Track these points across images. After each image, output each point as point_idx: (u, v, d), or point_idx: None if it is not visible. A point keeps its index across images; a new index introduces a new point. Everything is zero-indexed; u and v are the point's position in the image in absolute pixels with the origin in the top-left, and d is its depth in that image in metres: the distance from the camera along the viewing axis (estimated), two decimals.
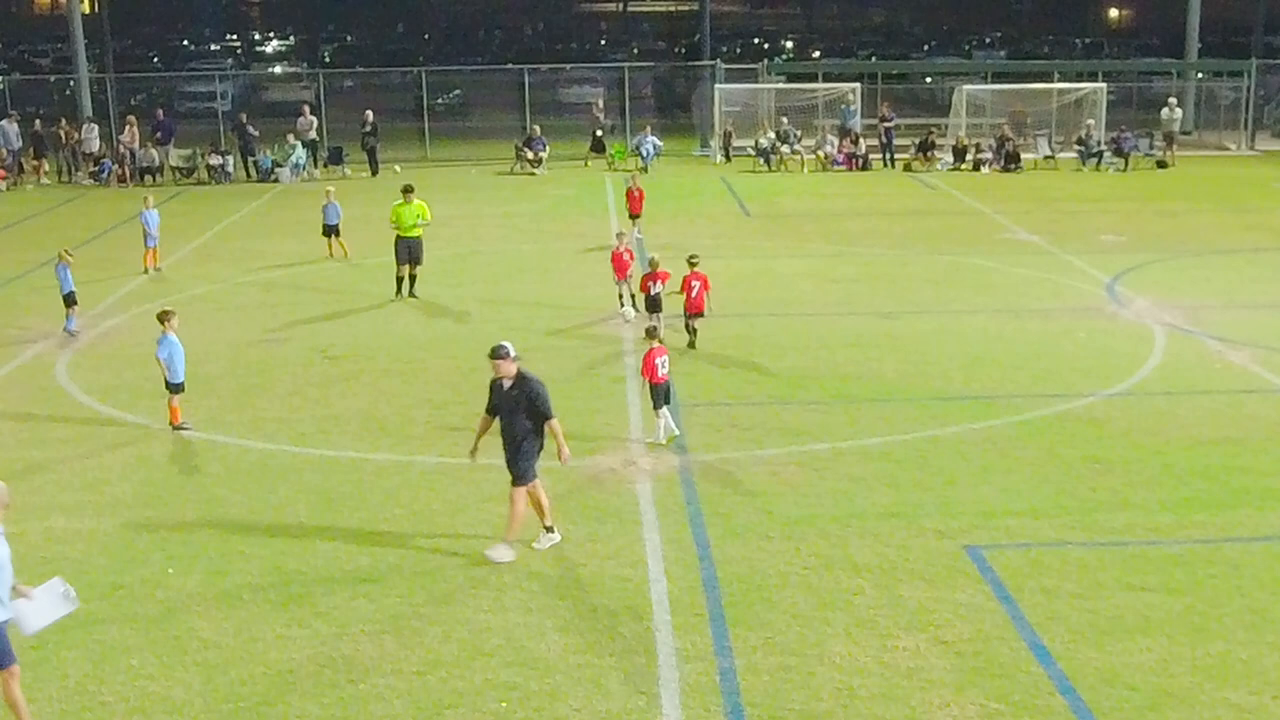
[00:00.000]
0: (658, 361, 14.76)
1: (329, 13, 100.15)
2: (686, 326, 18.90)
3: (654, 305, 19.01)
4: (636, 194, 26.00)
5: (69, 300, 20.04)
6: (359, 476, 14.16)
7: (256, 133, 39.08)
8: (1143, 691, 9.58)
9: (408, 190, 23.19)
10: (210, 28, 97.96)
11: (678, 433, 15.02)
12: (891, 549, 12.06)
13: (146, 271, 24.67)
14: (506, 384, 11.96)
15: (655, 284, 18.90)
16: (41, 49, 74.08)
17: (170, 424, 15.65)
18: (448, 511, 13.10)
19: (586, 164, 39.79)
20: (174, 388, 15.63)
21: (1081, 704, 9.42)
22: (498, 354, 11.97)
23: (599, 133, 40.92)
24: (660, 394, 14.88)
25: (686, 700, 9.54)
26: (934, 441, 14.93)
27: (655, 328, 15.79)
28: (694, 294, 18.50)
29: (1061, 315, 20.74)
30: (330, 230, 26.02)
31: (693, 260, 18.73)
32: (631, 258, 20.54)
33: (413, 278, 22.54)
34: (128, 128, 38.59)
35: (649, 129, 40.39)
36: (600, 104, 42.83)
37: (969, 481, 13.72)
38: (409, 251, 22.49)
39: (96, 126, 39.88)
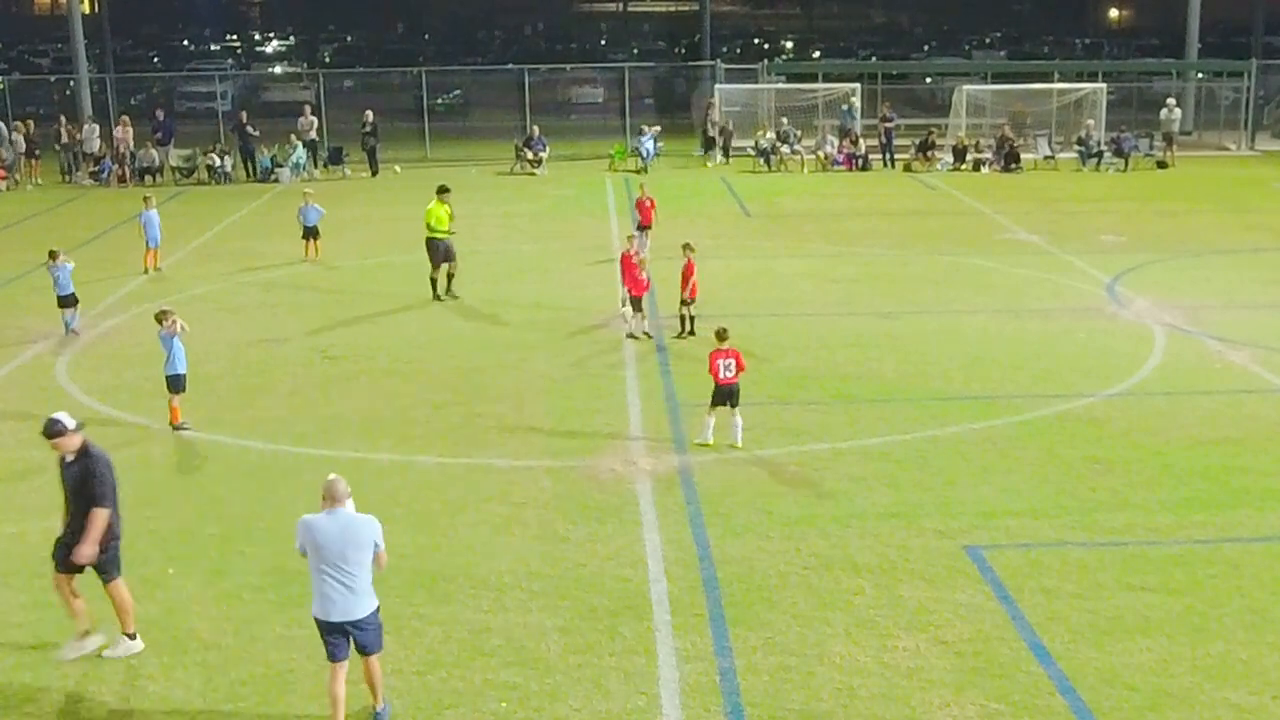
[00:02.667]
0: (720, 363, 14.55)
1: (329, 13, 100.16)
2: (683, 318, 19.01)
3: (635, 304, 19.40)
4: (648, 204, 25.57)
5: (69, 301, 20.02)
6: (359, 476, 14.08)
7: (257, 133, 39.08)
8: (1143, 691, 9.58)
9: (443, 190, 22.79)
10: (210, 28, 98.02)
11: (739, 443, 14.67)
12: (891, 549, 12.06)
13: (147, 271, 24.67)
14: (69, 459, 10.14)
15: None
16: (41, 49, 74.19)
17: (170, 424, 15.65)
18: (448, 511, 13.10)
19: (706, 164, 39.51)
20: (174, 386, 15.60)
21: (1081, 704, 9.42)
22: (50, 433, 10.07)
23: (709, 131, 40.53)
24: (723, 395, 14.64)
25: (686, 700, 9.54)
26: (934, 441, 14.93)
27: (724, 329, 15.07)
28: (693, 277, 18.98)
29: (1061, 315, 20.74)
30: (309, 232, 25.85)
31: (688, 247, 19.25)
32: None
33: (450, 276, 22.26)
34: (121, 125, 38.62)
35: (647, 129, 40.39)
36: (716, 103, 41.71)
37: (969, 481, 13.72)
38: (446, 252, 22.22)
39: (97, 126, 39.89)
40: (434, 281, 22.32)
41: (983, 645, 10.27)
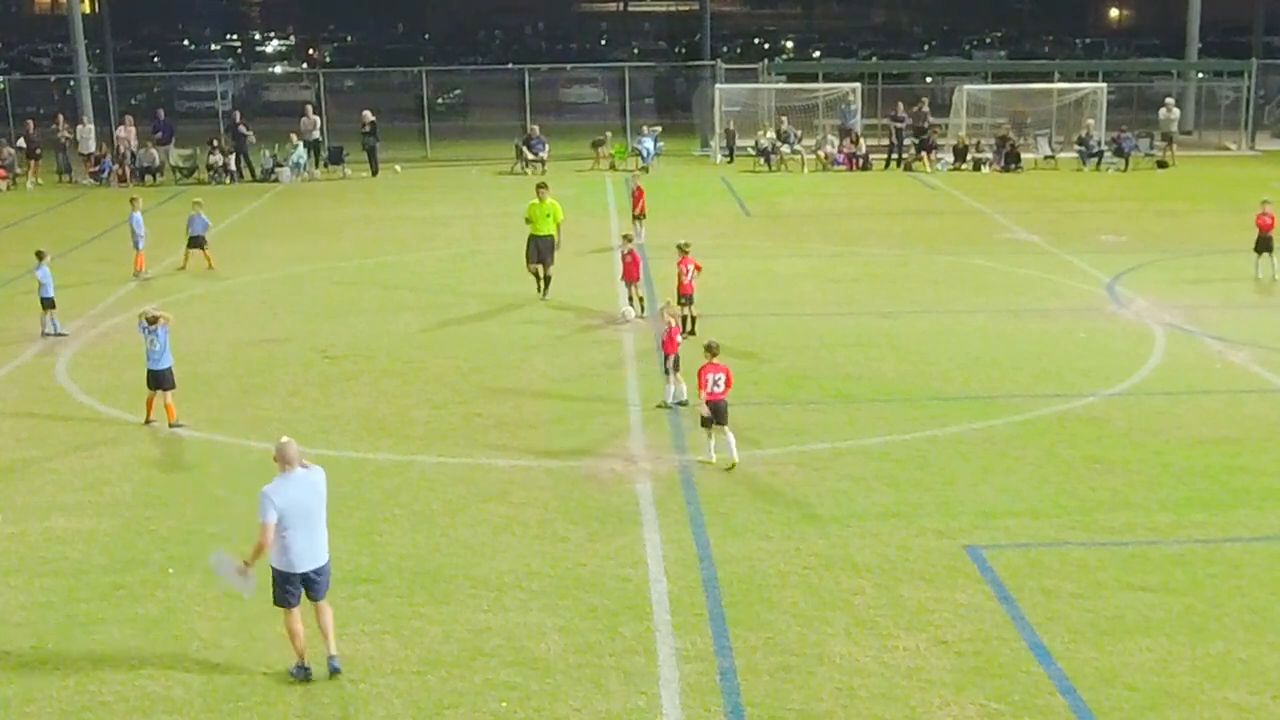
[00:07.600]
0: (709, 378, 14.21)
1: (329, 13, 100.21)
2: (684, 318, 19.01)
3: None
4: (637, 193, 25.67)
5: (51, 303, 20.01)
6: (359, 476, 14.16)
7: (249, 133, 39.05)
8: (1143, 691, 9.58)
9: (541, 187, 22.56)
10: (210, 28, 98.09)
11: (735, 458, 14.21)
12: (891, 549, 12.06)
13: (137, 275, 24.31)
14: None
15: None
16: (41, 49, 74.19)
17: (169, 423, 15.67)
18: (448, 511, 13.10)
19: (891, 166, 38.59)
20: (166, 382, 15.58)
21: (1081, 704, 9.42)
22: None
23: (899, 128, 39.39)
24: (711, 411, 14.23)
25: (686, 700, 9.54)
26: (934, 441, 14.93)
27: (715, 344, 14.72)
28: (687, 278, 18.99)
29: (1061, 315, 20.74)
30: (195, 241, 24.88)
31: (684, 246, 19.32)
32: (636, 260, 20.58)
33: (546, 279, 21.92)
34: (124, 125, 38.59)
35: (646, 128, 40.38)
36: (925, 104, 40.81)
37: (969, 481, 13.72)
38: (538, 251, 21.86)
39: (92, 127, 39.83)
40: (536, 278, 21.99)
41: (983, 645, 10.27)
